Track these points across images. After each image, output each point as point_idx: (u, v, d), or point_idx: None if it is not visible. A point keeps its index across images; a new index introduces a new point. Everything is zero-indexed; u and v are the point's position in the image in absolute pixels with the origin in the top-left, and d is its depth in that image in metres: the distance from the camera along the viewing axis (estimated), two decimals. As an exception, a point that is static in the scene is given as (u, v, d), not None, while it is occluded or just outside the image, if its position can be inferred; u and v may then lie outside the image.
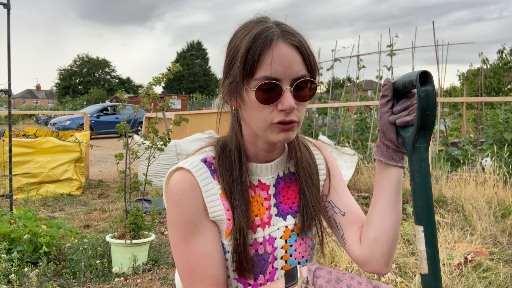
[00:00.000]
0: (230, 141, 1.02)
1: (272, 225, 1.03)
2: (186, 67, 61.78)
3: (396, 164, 0.95)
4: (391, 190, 0.97)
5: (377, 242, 0.99)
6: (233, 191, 0.98)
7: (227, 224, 0.98)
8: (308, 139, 1.17)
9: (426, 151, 0.88)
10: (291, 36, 0.91)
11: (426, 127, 0.86)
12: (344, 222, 1.07)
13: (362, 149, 8.65)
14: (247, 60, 0.89)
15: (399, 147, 0.94)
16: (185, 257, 0.97)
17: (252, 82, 0.90)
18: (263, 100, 0.90)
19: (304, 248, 1.06)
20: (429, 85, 0.84)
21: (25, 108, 43.89)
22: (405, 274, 3.32)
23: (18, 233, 3.65)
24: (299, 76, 0.90)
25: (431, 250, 0.86)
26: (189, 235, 0.96)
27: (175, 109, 28.47)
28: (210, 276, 0.95)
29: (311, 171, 1.08)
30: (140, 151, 3.88)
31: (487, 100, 8.91)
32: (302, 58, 0.92)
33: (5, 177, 6.02)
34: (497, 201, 5.04)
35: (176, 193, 0.97)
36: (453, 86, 23.26)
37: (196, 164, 1.00)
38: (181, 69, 4.00)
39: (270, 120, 0.91)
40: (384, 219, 0.98)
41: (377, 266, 1.01)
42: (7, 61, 4.47)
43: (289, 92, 0.89)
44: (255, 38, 0.89)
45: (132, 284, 3.28)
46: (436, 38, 8.20)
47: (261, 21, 0.94)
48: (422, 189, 0.87)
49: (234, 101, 0.98)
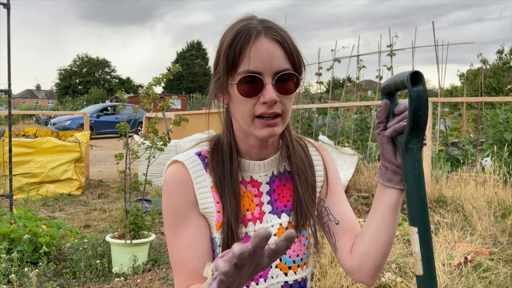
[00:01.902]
0: (222, 137, 1.05)
1: (265, 222, 1.04)
2: (186, 67, 61.79)
3: (395, 186, 0.95)
4: (386, 211, 0.98)
5: (367, 257, 1.01)
6: (223, 185, 1.00)
7: (217, 216, 1.00)
8: (308, 140, 1.17)
9: (419, 151, 0.87)
10: (273, 31, 0.93)
11: (419, 127, 0.85)
12: (337, 230, 1.08)
13: (362, 149, 8.65)
14: (229, 55, 0.92)
15: (399, 166, 0.94)
16: (171, 247, 1.01)
17: (235, 77, 0.93)
18: (245, 93, 0.92)
19: (299, 247, 1.06)
20: (421, 85, 0.83)
21: (25, 108, 43.89)
22: (405, 274, 3.32)
23: (18, 233, 3.65)
24: (281, 69, 0.92)
25: (425, 251, 0.86)
26: (176, 226, 1.00)
27: (175, 109, 28.46)
28: (190, 268, 0.98)
29: (305, 170, 1.09)
30: (140, 151, 3.88)
31: (487, 100, 8.91)
32: (285, 52, 0.93)
33: (5, 177, 6.02)
34: (497, 201, 5.04)
35: (167, 185, 1.01)
36: (454, 86, 23.28)
37: (190, 156, 1.03)
38: (181, 69, 4.00)
39: (253, 113, 0.93)
40: (377, 237, 1.00)
41: (364, 278, 1.04)
42: (7, 61, 4.47)
43: (271, 85, 0.91)
44: (237, 34, 0.92)
45: (132, 284, 3.28)
46: (436, 38, 8.22)
47: (246, 18, 0.97)
48: (415, 190, 0.87)
49: (222, 97, 1.01)
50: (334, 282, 3.08)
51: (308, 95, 10.78)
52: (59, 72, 65.28)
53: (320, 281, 3.14)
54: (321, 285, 3.10)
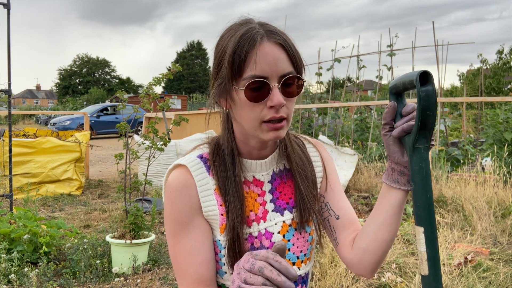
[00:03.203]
0: (222, 140, 1.06)
1: (268, 220, 1.05)
2: (186, 67, 61.79)
3: (401, 187, 0.96)
4: (390, 209, 0.99)
5: (367, 253, 1.03)
6: (227, 187, 1.01)
7: (221, 219, 1.00)
8: (304, 137, 1.19)
9: (427, 151, 0.87)
10: (275, 35, 0.94)
11: (427, 127, 0.85)
12: (337, 225, 1.10)
13: (362, 149, 8.65)
14: (234, 60, 0.92)
15: (406, 167, 0.94)
16: (173, 252, 1.01)
17: (241, 82, 0.93)
18: (253, 99, 0.92)
19: (303, 243, 1.07)
20: (429, 85, 0.83)
21: (25, 108, 43.88)
22: (405, 274, 3.32)
23: (18, 233, 3.65)
24: (286, 73, 0.93)
25: (431, 251, 0.86)
26: (179, 231, 1.00)
27: (175, 109, 28.46)
28: (192, 274, 0.99)
29: (305, 166, 1.10)
30: (140, 151, 3.88)
31: (487, 100, 8.91)
32: (288, 55, 0.94)
33: (5, 177, 6.02)
34: (497, 201, 5.04)
35: (171, 191, 1.01)
36: (454, 86, 23.27)
37: (193, 159, 1.03)
38: (181, 69, 4.00)
39: (261, 118, 0.94)
40: (378, 234, 1.01)
41: (363, 272, 1.06)
42: (7, 61, 4.47)
43: (277, 89, 0.92)
44: (241, 39, 0.93)
45: (132, 284, 3.28)
46: (436, 38, 8.22)
47: (246, 22, 0.98)
48: (422, 190, 0.87)
49: (224, 102, 1.01)
50: (334, 282, 3.08)
51: (308, 95, 10.79)
52: (59, 72, 65.35)
53: (320, 281, 3.14)
54: (321, 285, 3.10)
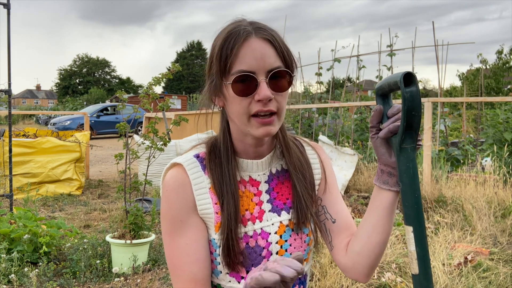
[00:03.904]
0: (219, 139, 1.07)
1: (265, 220, 1.05)
2: (186, 67, 61.79)
3: (390, 188, 0.98)
4: (381, 211, 1.00)
5: (361, 256, 1.03)
6: (222, 186, 1.02)
7: (215, 217, 1.01)
8: (304, 139, 1.19)
9: (413, 151, 0.89)
10: (263, 31, 0.96)
11: (412, 127, 0.87)
12: (333, 229, 1.10)
13: (362, 149, 8.65)
14: (222, 56, 0.95)
15: (394, 168, 0.96)
16: (168, 251, 1.02)
17: (229, 77, 0.95)
18: (240, 92, 0.94)
19: (300, 244, 1.07)
20: (414, 86, 0.84)
21: (25, 108, 43.89)
22: (405, 274, 3.32)
23: (18, 233, 3.65)
24: (273, 67, 0.94)
25: (421, 250, 0.87)
26: (174, 230, 1.01)
27: (175, 109, 28.46)
28: (187, 273, 0.99)
29: (303, 168, 1.11)
30: (140, 151, 3.88)
31: (487, 100, 8.91)
32: (276, 50, 0.96)
33: (5, 177, 6.02)
34: (497, 201, 5.04)
35: (167, 189, 1.02)
36: (454, 86, 23.28)
37: (189, 159, 1.05)
38: (181, 69, 4.01)
39: (249, 112, 0.95)
40: (371, 237, 1.02)
41: (358, 276, 1.06)
42: (7, 61, 4.47)
43: (265, 83, 0.94)
44: (228, 35, 0.95)
45: (132, 284, 3.28)
46: (436, 38, 8.21)
47: (236, 21, 1.00)
48: (410, 190, 0.88)
49: (218, 99, 1.03)
50: (334, 282, 3.08)
51: (308, 95, 10.79)
52: (59, 72, 65.33)
53: (320, 281, 3.14)
54: (321, 285, 3.10)
